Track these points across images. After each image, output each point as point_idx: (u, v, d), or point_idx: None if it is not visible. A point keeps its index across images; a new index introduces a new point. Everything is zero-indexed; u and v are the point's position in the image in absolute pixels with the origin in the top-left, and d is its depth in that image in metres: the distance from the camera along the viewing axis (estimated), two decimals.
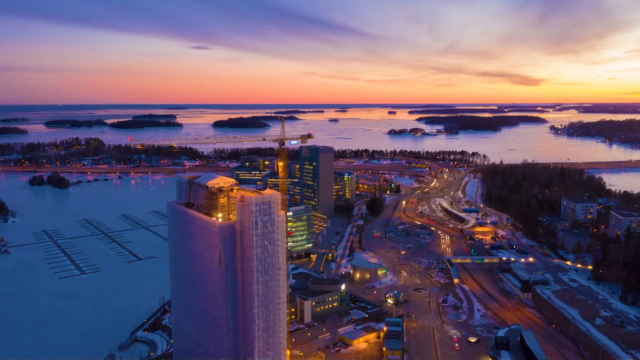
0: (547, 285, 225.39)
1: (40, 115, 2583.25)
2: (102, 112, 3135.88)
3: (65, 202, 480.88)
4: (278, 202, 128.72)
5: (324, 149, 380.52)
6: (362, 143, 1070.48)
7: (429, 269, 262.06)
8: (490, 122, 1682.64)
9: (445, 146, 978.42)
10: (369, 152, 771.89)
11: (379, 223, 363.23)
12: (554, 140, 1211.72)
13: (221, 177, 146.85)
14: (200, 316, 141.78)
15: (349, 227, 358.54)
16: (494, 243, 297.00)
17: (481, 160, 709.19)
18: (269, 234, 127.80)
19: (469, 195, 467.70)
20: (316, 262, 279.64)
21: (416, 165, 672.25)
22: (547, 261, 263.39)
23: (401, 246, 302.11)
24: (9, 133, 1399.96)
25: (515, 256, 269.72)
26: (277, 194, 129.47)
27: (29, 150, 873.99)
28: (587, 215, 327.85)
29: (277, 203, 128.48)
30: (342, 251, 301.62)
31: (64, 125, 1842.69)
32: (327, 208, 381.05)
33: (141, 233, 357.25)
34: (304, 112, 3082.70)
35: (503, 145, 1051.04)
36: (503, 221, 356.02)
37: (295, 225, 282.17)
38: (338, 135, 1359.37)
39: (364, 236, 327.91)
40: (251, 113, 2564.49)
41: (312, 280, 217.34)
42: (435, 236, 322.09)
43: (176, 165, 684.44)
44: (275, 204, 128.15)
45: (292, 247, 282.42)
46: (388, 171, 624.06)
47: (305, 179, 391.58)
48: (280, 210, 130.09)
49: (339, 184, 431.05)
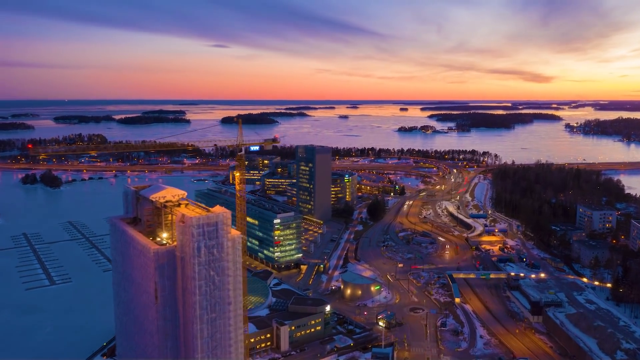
0: (561, 307, 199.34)
1: (51, 111, 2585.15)
2: (112, 108, 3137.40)
3: (54, 202, 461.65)
4: (227, 222, 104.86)
5: (321, 148, 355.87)
6: (370, 141, 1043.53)
7: (429, 284, 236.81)
8: (503, 120, 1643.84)
9: (455, 144, 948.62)
10: (375, 151, 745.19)
11: (379, 229, 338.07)
12: (569, 139, 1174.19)
13: (170, 189, 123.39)
14: (141, 356, 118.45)
15: (346, 233, 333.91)
16: (502, 255, 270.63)
17: (492, 160, 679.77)
18: (216, 262, 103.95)
19: (478, 198, 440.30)
20: (306, 274, 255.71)
21: (424, 165, 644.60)
22: (560, 277, 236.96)
23: (400, 257, 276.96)
24: (15, 128, 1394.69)
25: (525, 271, 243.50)
26: (226, 213, 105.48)
27: None
28: (606, 224, 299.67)
29: (227, 224, 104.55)
30: (336, 261, 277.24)
31: (72, 120, 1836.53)
32: (323, 212, 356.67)
33: None
34: (314, 109, 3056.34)
35: (516, 144, 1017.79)
36: (513, 229, 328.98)
37: (284, 233, 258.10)
38: (346, 132, 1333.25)
39: (361, 244, 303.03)
40: (262, 109, 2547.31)
41: (294, 300, 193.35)
42: (438, 245, 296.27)
43: (175, 163, 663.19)
44: (224, 225, 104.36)
45: (279, 257, 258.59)
46: (394, 171, 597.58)
47: (301, 181, 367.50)
48: (230, 232, 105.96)
49: (339, 186, 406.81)
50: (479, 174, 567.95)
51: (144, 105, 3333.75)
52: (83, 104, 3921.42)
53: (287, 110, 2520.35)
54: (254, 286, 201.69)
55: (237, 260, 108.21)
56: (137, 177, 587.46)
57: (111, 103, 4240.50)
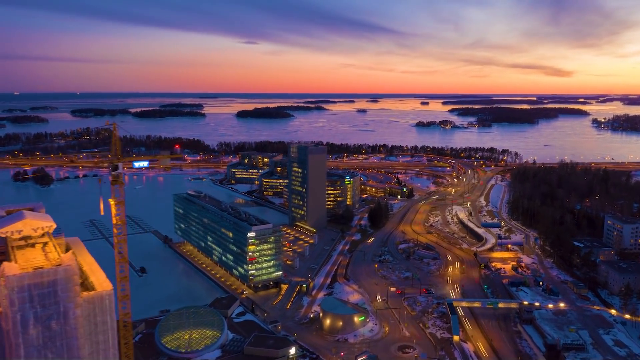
0: (583, 351, 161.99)
1: (71, 104, 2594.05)
2: (132, 101, 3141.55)
3: (37, 202, 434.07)
4: (72, 281, 70.45)
5: (315, 148, 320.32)
6: (385, 136, 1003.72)
7: (426, 312, 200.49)
8: (527, 115, 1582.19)
9: (475, 141, 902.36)
10: (387, 148, 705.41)
11: (378, 240, 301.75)
12: (596, 136, 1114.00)
13: (35, 219, 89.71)
14: None
15: (341, 243, 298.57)
16: (515, 276, 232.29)
17: (512, 158, 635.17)
18: (56, 339, 69.82)
19: (493, 202, 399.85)
20: (285, 296, 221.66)
21: (437, 163, 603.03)
22: (583, 308, 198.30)
23: (395, 275, 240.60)
24: (30, 122, 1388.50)
25: (541, 298, 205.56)
26: (71, 266, 71.12)
27: (35, 140, 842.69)
28: (639, 240, 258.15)
29: (71, 283, 70.17)
30: (323, 279, 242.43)
31: (87, 114, 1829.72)
32: (317, 219, 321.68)
33: (100, 246, 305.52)
34: (333, 102, 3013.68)
35: (539, 141, 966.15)
36: (530, 242, 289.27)
37: (260, 249, 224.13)
38: (362, 127, 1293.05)
39: (354, 259, 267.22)
40: (281, 103, 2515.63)
41: (253, 339, 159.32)
42: (441, 261, 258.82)
43: (177, 159, 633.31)
44: (67, 284, 69.96)
45: (254, 276, 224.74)
46: (404, 170, 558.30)
47: (293, 184, 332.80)
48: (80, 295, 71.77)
49: (339, 188, 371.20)
50: (496, 175, 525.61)
51: (163, 98, 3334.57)
52: (105, 97, 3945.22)
53: (306, 104, 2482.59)
54: (207, 319, 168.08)
55: (100, 330, 74.23)
56: (136, 175, 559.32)
57: (132, 96, 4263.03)
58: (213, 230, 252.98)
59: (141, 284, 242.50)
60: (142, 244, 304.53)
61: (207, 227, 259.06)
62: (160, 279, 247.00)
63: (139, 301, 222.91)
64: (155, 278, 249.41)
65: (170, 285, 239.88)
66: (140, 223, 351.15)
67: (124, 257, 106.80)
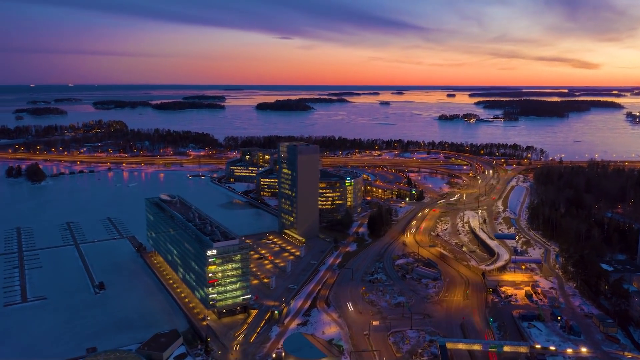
0: None
1: (96, 96, 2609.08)
2: (157, 93, 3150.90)
3: (22, 200, 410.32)
4: None
5: (306, 148, 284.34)
6: (405, 130, 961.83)
7: (414, 354, 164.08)
8: (556, 108, 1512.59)
9: (499, 136, 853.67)
10: (403, 144, 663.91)
11: (374, 252, 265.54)
12: (631, 130, 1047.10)
13: None
14: None
15: (332, 255, 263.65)
16: (528, 307, 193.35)
17: (537, 155, 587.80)
18: None
19: (512, 207, 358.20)
20: (252, 324, 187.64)
21: (455, 161, 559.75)
22: (611, 355, 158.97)
23: (385, 301, 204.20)
24: (48, 114, 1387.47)
25: (558, 339, 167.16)
26: None
27: (45, 133, 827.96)
28: None
29: None
30: (302, 303, 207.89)
31: (109, 106, 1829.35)
32: (308, 227, 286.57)
33: (67, 253, 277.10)
34: (357, 95, 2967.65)
35: (568, 136, 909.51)
36: (550, 260, 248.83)
37: (223, 269, 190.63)
38: (381, 120, 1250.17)
39: (341, 277, 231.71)
40: (303, 95, 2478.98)
41: None
42: (442, 283, 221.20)
43: (180, 154, 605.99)
44: None
45: (215, 300, 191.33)
46: (418, 168, 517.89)
47: (283, 187, 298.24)
48: None
49: (338, 190, 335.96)
50: (518, 174, 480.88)
51: (187, 90, 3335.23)
52: (132, 88, 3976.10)
53: (329, 97, 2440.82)
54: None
55: None
56: (136, 171, 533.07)
57: (159, 88, 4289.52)
58: (177, 243, 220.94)
59: (95, 303, 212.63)
60: (113, 252, 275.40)
61: (173, 238, 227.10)
62: (118, 298, 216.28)
63: (81, 327, 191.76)
64: (112, 296, 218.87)
65: (127, 306, 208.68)
66: (119, 226, 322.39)
67: None
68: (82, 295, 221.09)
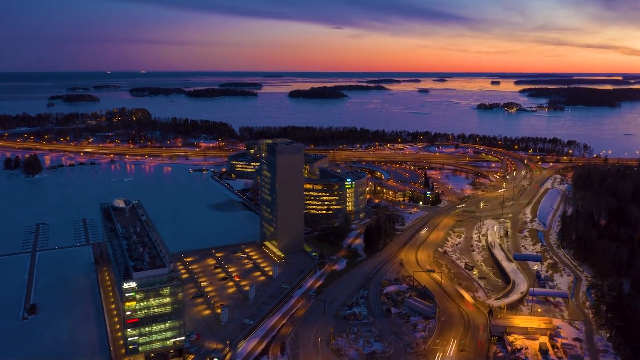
0: None
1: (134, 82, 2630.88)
2: (195, 80, 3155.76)
3: (9, 196, 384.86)
4: None
5: (286, 147, 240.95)
6: (438, 120, 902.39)
7: None
8: (608, 96, 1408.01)
9: (541, 127, 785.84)
10: (430, 136, 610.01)
11: (363, 274, 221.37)
12: None
13: None
14: None
15: (314, 276, 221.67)
16: None
17: (580, 151, 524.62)
18: None
19: (542, 216, 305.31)
20: None
21: (485, 157, 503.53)
22: None
23: (357, 350, 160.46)
24: (80, 100, 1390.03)
25: None
26: None
27: (65, 121, 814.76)
28: None
29: None
30: (255, 345, 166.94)
31: (144, 92, 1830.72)
32: (290, 240, 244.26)
33: (17, 263, 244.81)
34: (397, 82, 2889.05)
35: (618, 128, 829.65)
36: (580, 294, 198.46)
37: (146, 304, 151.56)
38: (416, 109, 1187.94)
39: (310, 310, 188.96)
40: (342, 82, 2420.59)
41: None
42: (436, 323, 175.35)
43: (189, 146, 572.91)
44: None
45: (136, 344, 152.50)
46: (441, 165, 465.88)
47: (263, 192, 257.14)
48: None
49: (336, 194, 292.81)
50: (554, 174, 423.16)
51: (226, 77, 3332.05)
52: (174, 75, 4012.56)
53: (367, 84, 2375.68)
54: None
55: None
56: (143, 164, 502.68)
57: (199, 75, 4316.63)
58: (113, 266, 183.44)
59: (18, 331, 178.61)
60: (68, 263, 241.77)
61: (112, 258, 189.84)
62: (46, 326, 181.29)
63: None
64: (41, 323, 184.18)
65: (51, 337, 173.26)
66: (91, 231, 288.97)
67: None
68: (7, 321, 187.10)
